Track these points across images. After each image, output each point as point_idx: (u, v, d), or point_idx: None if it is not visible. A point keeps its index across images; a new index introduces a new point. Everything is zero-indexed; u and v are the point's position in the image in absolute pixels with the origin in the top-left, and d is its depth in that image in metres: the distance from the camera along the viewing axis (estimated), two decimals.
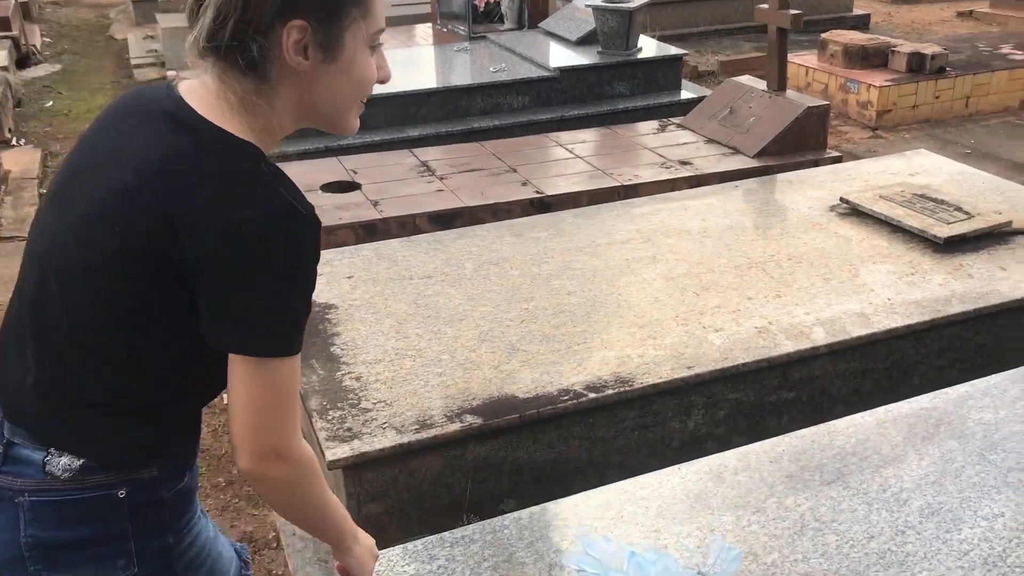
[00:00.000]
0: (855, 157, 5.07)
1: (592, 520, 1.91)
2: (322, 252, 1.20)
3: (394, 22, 8.56)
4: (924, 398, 2.29)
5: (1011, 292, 2.83)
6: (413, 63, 6.45)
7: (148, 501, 1.21)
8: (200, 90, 1.15)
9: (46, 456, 1.17)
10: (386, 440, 2.23)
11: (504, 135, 5.31)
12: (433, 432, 2.26)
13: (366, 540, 1.42)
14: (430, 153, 4.64)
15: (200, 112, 1.13)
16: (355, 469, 2.22)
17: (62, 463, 1.17)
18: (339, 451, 2.20)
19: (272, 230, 1.08)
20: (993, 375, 2.36)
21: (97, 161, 1.17)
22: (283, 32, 1.10)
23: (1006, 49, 7.21)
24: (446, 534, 1.92)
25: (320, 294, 2.97)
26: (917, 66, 6.56)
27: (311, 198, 3.54)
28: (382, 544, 2.29)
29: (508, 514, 1.97)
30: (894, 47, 6.74)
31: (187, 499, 1.29)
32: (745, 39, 8.95)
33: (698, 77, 7.55)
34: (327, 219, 3.75)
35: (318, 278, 1.19)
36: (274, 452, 1.15)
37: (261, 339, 1.11)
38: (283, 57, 1.12)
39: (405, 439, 2.24)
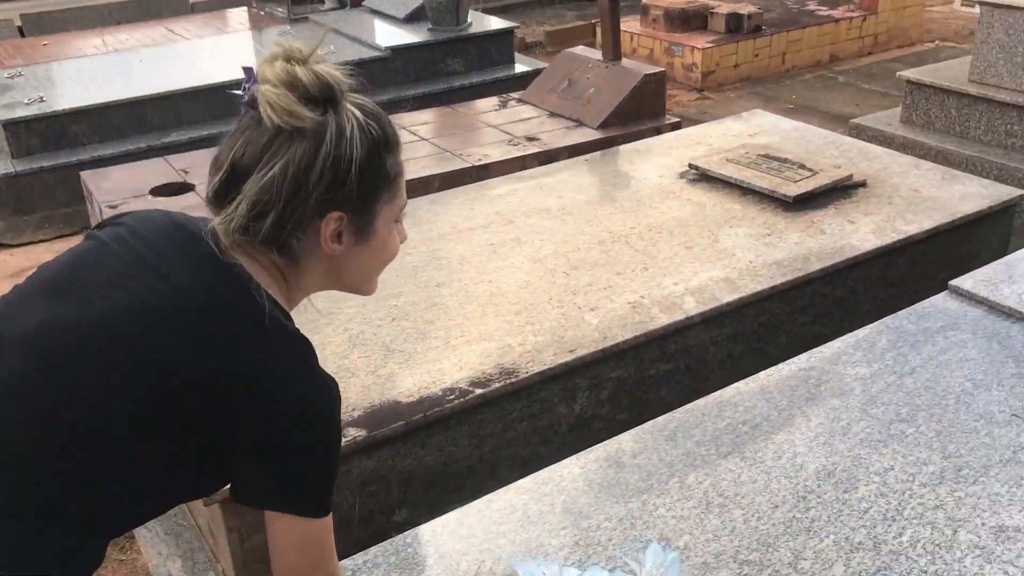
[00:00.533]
0: (688, 120, 5.19)
1: (498, 525, 1.84)
2: None
3: (205, 7, 8.11)
4: (801, 359, 2.33)
5: (862, 245, 2.94)
6: (233, 51, 6.12)
7: None
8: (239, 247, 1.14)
9: None
10: None
11: None
12: None
13: None
14: None
15: (248, 271, 1.13)
16: (233, 501, 2.06)
17: None
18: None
19: (319, 406, 1.12)
20: (860, 328, 2.44)
21: (121, 268, 1.13)
22: (321, 224, 1.13)
23: (812, 5, 7.58)
24: (346, 562, 1.80)
25: None
26: (735, 26, 6.80)
27: (141, 204, 3.28)
28: None
29: (409, 531, 1.87)
30: (712, 9, 6.95)
31: None
32: (566, 8, 9.02)
33: (526, 49, 7.55)
34: None
35: None
36: None
37: (310, 500, 1.14)
38: (318, 244, 1.15)
39: None
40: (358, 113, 1.15)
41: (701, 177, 3.50)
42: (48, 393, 1.06)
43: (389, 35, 5.84)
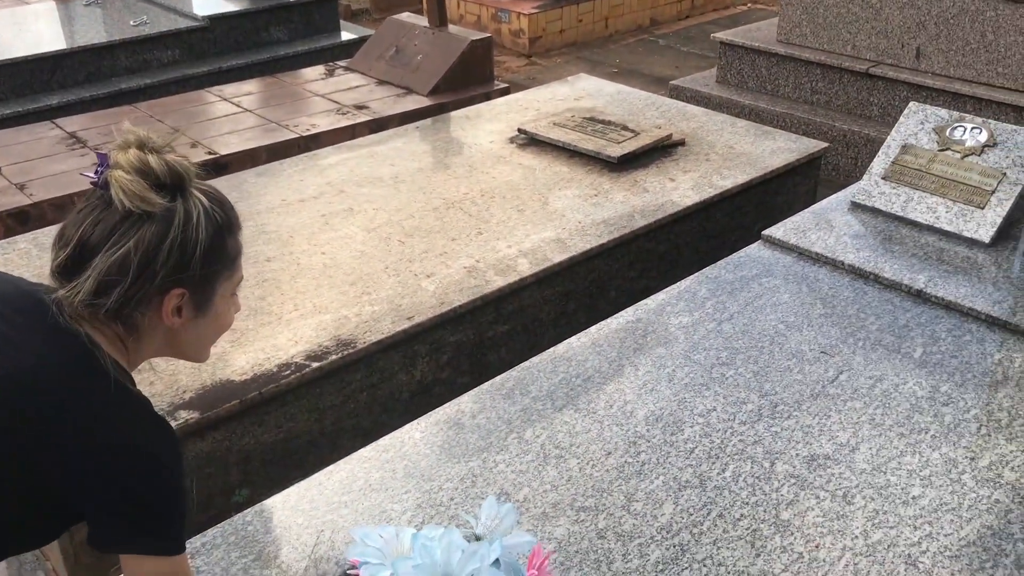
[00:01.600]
0: (517, 85, 5.24)
1: (340, 496, 1.84)
2: None
3: None
4: (628, 311, 2.43)
5: (681, 200, 3.07)
6: (36, 23, 5.72)
7: None
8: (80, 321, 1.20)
9: None
10: None
11: (157, 94, 4.89)
12: None
13: None
14: (76, 122, 4.16)
15: (92, 339, 1.19)
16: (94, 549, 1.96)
17: None
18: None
19: (159, 452, 1.20)
20: (683, 280, 2.56)
21: None
22: (164, 300, 1.21)
23: None
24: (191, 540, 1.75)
25: None
26: None
27: None
28: (107, 567, 2.07)
29: (249, 508, 1.84)
30: None
31: None
32: None
33: (352, 16, 7.42)
34: None
35: None
36: None
37: (162, 539, 1.20)
38: (159, 317, 1.22)
39: None
40: (204, 200, 1.22)
41: (530, 141, 3.56)
42: None
43: (207, 3, 5.61)
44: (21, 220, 3.30)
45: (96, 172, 1.18)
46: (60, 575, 2.15)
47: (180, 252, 1.18)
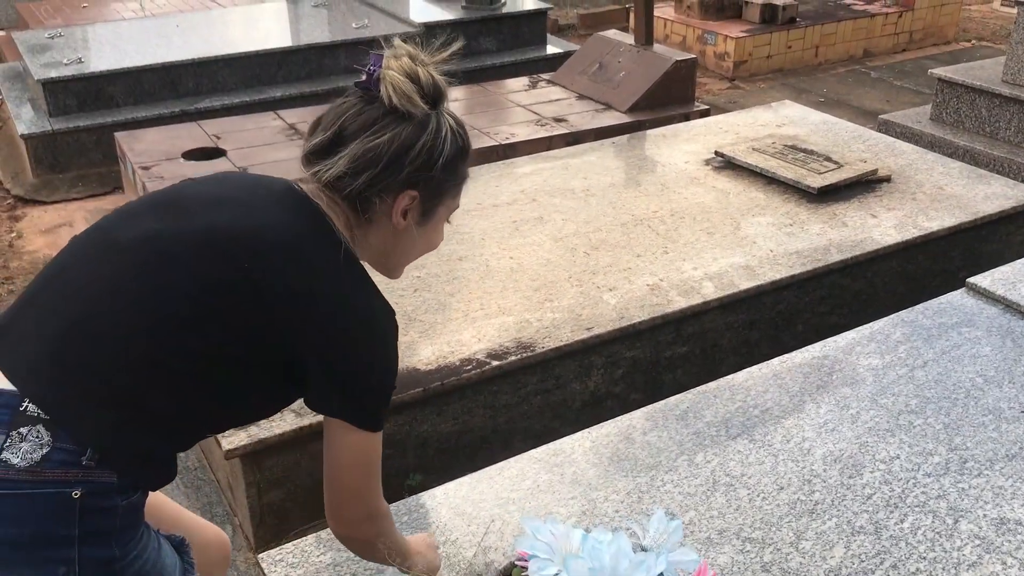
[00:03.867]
0: (717, 108, 5.19)
1: (509, 491, 1.89)
2: None
3: None
4: (815, 347, 2.36)
5: (882, 239, 2.96)
6: (268, 19, 6.17)
7: (102, 507, 1.16)
8: (321, 199, 1.30)
9: (5, 441, 1.11)
10: (285, 424, 2.14)
11: None
12: None
13: (419, 545, 1.57)
14: (297, 114, 4.45)
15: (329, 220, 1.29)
16: (253, 456, 2.13)
17: (24, 449, 1.11)
18: (236, 439, 2.10)
19: (383, 328, 1.29)
20: (876, 321, 2.47)
21: (218, 196, 1.29)
22: (399, 197, 1.30)
23: None
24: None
25: None
26: (770, 17, 6.77)
27: (173, 166, 3.45)
28: (287, 531, 2.22)
29: (422, 493, 1.93)
30: None
31: (138, 512, 1.25)
32: None
33: (558, 31, 7.55)
34: None
35: None
36: (367, 516, 1.37)
37: (368, 413, 1.29)
38: (389, 213, 1.32)
39: (305, 421, 2.15)
40: (452, 121, 1.34)
41: (726, 165, 3.52)
42: (144, 292, 1.18)
43: (423, 11, 5.87)
44: None
45: (368, 71, 1.28)
46: (246, 531, 2.32)
47: (427, 156, 1.28)
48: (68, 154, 4.68)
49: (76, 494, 1.12)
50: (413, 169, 1.29)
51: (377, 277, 1.36)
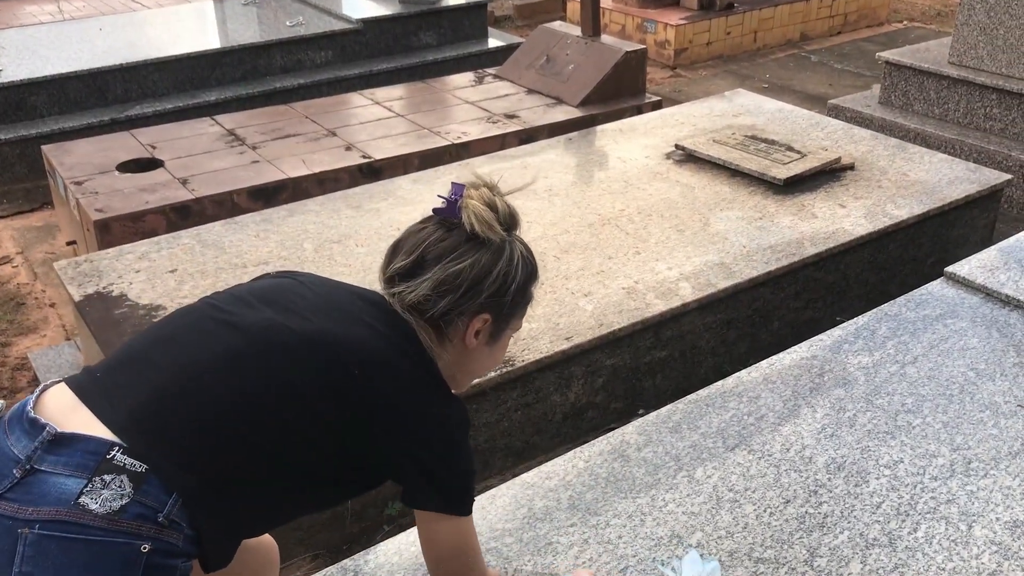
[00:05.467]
0: (664, 98, 5.12)
1: (504, 522, 1.78)
2: (133, 245, 1.51)
3: None
4: (802, 347, 2.30)
5: (854, 229, 2.91)
6: (196, 20, 5.92)
7: (164, 565, 1.18)
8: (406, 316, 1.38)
9: (87, 486, 1.12)
10: None
11: (309, 94, 4.98)
12: None
13: None
14: (234, 119, 4.25)
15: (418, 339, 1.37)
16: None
17: (104, 496, 1.12)
18: None
19: (461, 430, 1.40)
20: (859, 316, 2.41)
21: (329, 304, 1.36)
22: (473, 320, 1.37)
23: None
24: (347, 562, 1.73)
25: (142, 294, 2.63)
26: (708, 3, 6.73)
27: (107, 180, 3.32)
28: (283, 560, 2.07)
29: (407, 530, 1.80)
30: None
31: None
32: None
33: (495, 22, 7.42)
34: (130, 204, 3.35)
35: (136, 274, 1.68)
36: None
37: (458, 501, 1.38)
38: (463, 334, 1.38)
39: None
40: (523, 246, 1.42)
41: (688, 158, 3.44)
42: (260, 375, 1.24)
43: (360, 7, 5.69)
44: (183, 214, 3.38)
45: (450, 199, 1.36)
46: None
47: (503, 281, 1.36)
48: None
49: (145, 548, 1.14)
50: (489, 294, 1.35)
51: None
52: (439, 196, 1.40)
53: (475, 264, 1.34)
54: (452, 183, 1.39)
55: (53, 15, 6.28)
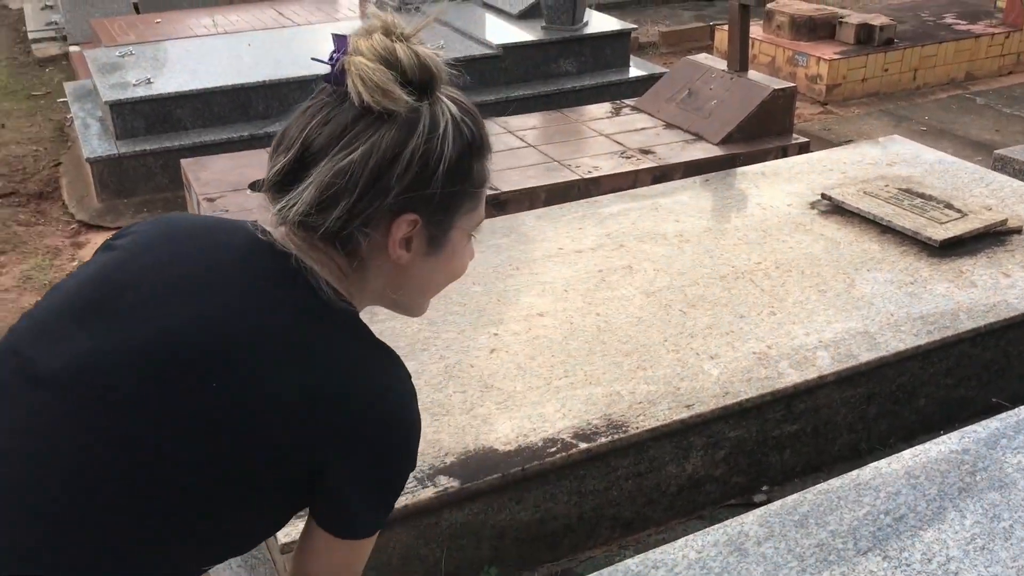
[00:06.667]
0: (811, 136, 4.85)
1: None
2: None
3: None
4: (952, 438, 2.05)
5: (1019, 303, 2.62)
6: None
7: None
8: (294, 243, 1.00)
9: None
10: None
11: None
12: (403, 500, 1.94)
13: None
14: None
15: (318, 276, 0.98)
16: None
17: None
18: (293, 531, 1.86)
19: (405, 426, 1.01)
20: (1021, 407, 2.14)
21: (170, 276, 0.98)
22: (392, 225, 0.99)
23: (949, 18, 7.09)
24: None
25: None
26: (865, 38, 6.39)
27: (238, 199, 3.18)
28: None
29: None
30: (842, 18, 6.55)
31: None
32: (683, 8, 8.69)
33: (639, 49, 7.26)
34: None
35: None
36: None
37: (382, 517, 1.04)
38: (384, 248, 1.00)
39: None
40: (453, 108, 1.00)
41: (834, 209, 3.20)
42: (84, 455, 0.90)
43: (501, 31, 5.64)
44: None
45: (331, 59, 0.97)
46: None
47: (421, 165, 0.96)
48: (134, 179, 4.56)
49: None
50: (404, 187, 0.96)
51: (450, 325, 1.11)
52: (314, 59, 1.02)
53: (374, 149, 0.94)
54: (333, 34, 0.99)
55: (208, 28, 6.51)
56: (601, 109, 4.67)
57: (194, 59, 5.31)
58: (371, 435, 0.97)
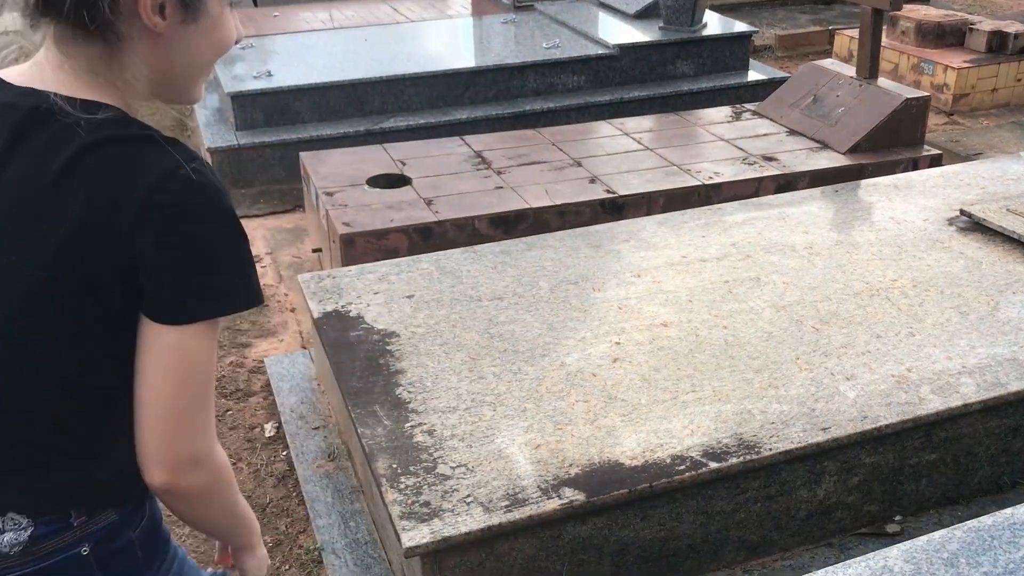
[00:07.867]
0: (939, 148, 4.63)
1: None
2: (375, 265, 1.38)
3: None
4: None
5: None
6: (455, 36, 6.02)
7: (117, 549, 1.09)
8: (30, 70, 1.01)
9: None
10: (472, 521, 1.87)
11: (557, 118, 4.91)
12: (527, 511, 1.89)
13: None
14: (483, 141, 4.23)
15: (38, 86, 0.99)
16: (435, 556, 1.86)
17: (7, 539, 1.02)
18: (417, 534, 1.84)
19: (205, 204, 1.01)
20: None
21: None
22: None
23: None
24: None
25: (378, 318, 2.60)
26: (998, 46, 6.09)
27: (357, 194, 3.25)
28: None
29: None
30: (972, 24, 6.26)
31: (157, 533, 1.17)
32: (800, 11, 8.45)
33: (754, 52, 7.09)
34: (376, 220, 3.37)
35: (375, 296, 1.43)
36: (193, 460, 1.05)
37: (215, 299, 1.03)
38: (137, 16, 0.97)
39: (495, 520, 1.87)
40: None
41: (974, 226, 3.04)
42: None
43: (618, 32, 5.56)
44: (424, 236, 3.36)
45: None
46: None
47: None
48: (252, 169, 4.64)
49: (85, 551, 1.06)
50: None
51: (569, 331, 1.04)
52: None
53: None
54: None
55: (324, 22, 6.60)
56: (720, 113, 4.55)
57: (311, 53, 5.39)
58: (171, 212, 0.98)
